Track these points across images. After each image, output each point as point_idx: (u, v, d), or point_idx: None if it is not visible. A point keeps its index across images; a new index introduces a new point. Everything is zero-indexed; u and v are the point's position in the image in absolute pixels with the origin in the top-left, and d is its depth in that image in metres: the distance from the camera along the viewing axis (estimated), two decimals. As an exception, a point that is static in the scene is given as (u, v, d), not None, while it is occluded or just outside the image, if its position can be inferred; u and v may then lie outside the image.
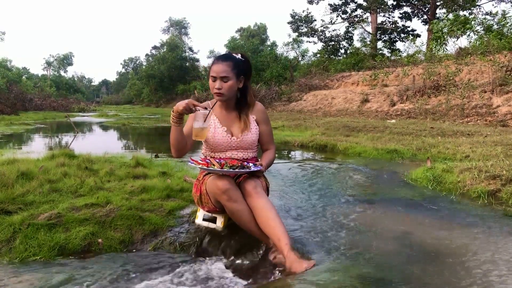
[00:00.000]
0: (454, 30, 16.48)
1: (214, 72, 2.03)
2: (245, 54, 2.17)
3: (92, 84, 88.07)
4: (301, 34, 29.49)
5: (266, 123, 2.26)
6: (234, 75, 2.04)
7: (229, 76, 2.02)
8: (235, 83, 2.06)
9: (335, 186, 3.45)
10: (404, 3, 26.80)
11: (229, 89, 2.05)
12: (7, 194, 2.49)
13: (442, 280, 1.60)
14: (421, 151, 5.31)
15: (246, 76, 2.13)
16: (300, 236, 2.15)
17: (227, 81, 2.02)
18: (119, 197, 2.58)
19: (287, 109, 19.38)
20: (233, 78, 2.03)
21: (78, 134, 9.42)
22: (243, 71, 2.10)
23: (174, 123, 1.97)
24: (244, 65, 2.10)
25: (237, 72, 2.05)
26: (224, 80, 2.02)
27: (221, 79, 2.02)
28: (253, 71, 2.28)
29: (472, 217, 2.50)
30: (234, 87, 2.07)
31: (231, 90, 2.06)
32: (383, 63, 19.78)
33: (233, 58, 2.08)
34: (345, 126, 9.10)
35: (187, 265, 1.91)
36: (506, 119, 9.38)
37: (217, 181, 1.92)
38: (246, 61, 2.13)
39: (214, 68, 2.04)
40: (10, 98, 21.24)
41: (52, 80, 51.76)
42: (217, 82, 2.03)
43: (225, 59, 2.05)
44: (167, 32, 52.93)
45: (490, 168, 3.23)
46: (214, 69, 2.04)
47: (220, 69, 2.02)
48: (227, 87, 2.04)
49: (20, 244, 1.98)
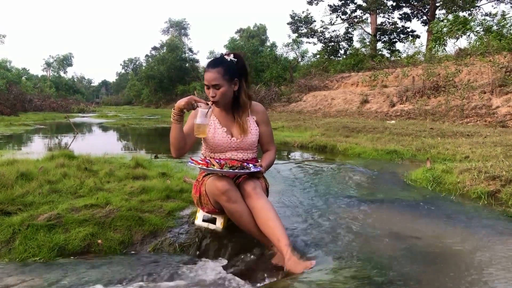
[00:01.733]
0: (454, 30, 16.50)
1: (206, 80, 2.04)
2: (238, 53, 2.13)
3: (91, 84, 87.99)
4: (301, 35, 29.47)
5: (266, 124, 2.27)
6: (226, 81, 2.02)
7: (220, 84, 2.01)
8: (228, 88, 2.05)
9: (334, 187, 3.45)
10: (403, 4, 26.81)
11: (223, 96, 2.04)
12: (7, 195, 2.49)
13: (441, 281, 1.60)
14: (421, 151, 5.32)
15: (241, 76, 2.10)
16: (299, 236, 2.15)
17: (219, 88, 2.02)
18: (118, 198, 2.58)
19: (286, 109, 19.38)
20: (225, 84, 2.02)
21: (77, 134, 9.42)
22: (237, 72, 2.07)
23: (174, 120, 1.98)
24: (237, 66, 2.08)
25: (230, 77, 2.03)
26: (217, 87, 2.02)
27: (213, 87, 2.02)
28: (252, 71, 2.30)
29: (471, 218, 2.50)
30: (228, 92, 2.06)
31: (225, 97, 2.06)
32: (382, 64, 19.82)
33: (224, 62, 2.05)
34: (344, 127, 9.11)
35: (186, 266, 1.91)
36: (505, 120, 9.39)
37: (217, 182, 1.92)
38: (239, 61, 2.09)
39: (206, 76, 2.03)
40: (10, 98, 21.20)
41: (51, 80, 51.69)
42: (210, 90, 2.03)
43: (215, 65, 2.03)
44: (167, 33, 52.99)
45: (489, 169, 3.23)
46: (205, 78, 2.04)
47: (210, 77, 2.01)
48: (220, 94, 2.03)
49: (20, 245, 1.98)
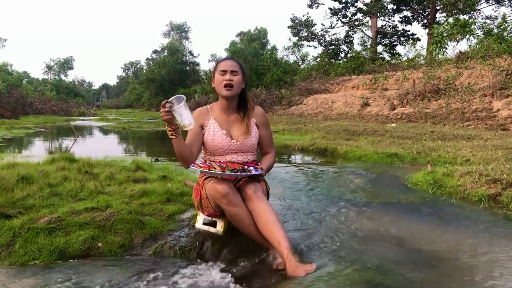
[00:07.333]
0: (454, 34, 16.52)
1: (224, 66, 2.15)
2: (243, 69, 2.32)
3: (92, 88, 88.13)
4: (301, 38, 29.54)
5: (266, 127, 2.28)
6: (241, 72, 2.18)
7: (238, 71, 2.15)
8: (242, 80, 2.18)
9: (335, 190, 3.44)
10: (404, 7, 26.88)
11: (238, 83, 2.16)
12: (7, 198, 2.49)
13: (442, 284, 1.60)
14: (422, 155, 5.31)
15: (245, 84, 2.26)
16: (300, 240, 2.15)
17: (236, 75, 2.14)
18: (119, 201, 2.58)
19: (287, 113, 19.38)
20: (240, 74, 2.16)
21: (78, 138, 9.43)
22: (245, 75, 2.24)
23: (171, 136, 1.96)
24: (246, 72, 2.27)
25: (243, 73, 2.20)
26: (234, 73, 2.14)
27: (231, 73, 2.13)
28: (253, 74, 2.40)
29: (472, 221, 2.50)
30: (241, 84, 2.18)
31: (238, 86, 2.16)
32: (383, 67, 19.82)
33: (240, 62, 2.27)
34: (345, 130, 9.10)
35: (187, 269, 1.90)
36: (506, 123, 9.38)
37: (217, 185, 1.92)
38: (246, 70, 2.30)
39: (224, 63, 2.17)
40: (11, 102, 21.28)
41: (52, 84, 51.82)
42: (228, 74, 2.12)
43: (232, 59, 2.23)
44: (168, 36, 53.02)
45: (490, 172, 3.22)
46: (224, 64, 2.16)
47: (230, 64, 2.16)
48: (237, 80, 2.14)
49: (20, 248, 1.97)
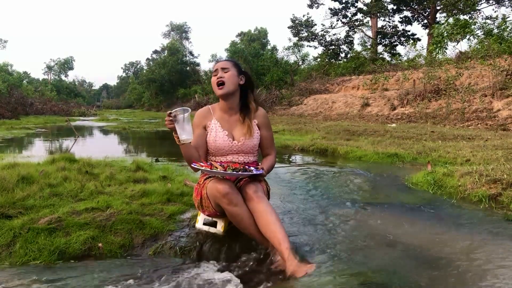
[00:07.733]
0: (454, 34, 16.51)
1: (216, 67, 2.21)
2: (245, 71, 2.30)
3: (92, 88, 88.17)
4: (302, 39, 29.56)
5: (267, 128, 2.29)
6: (235, 69, 2.19)
7: (228, 68, 2.18)
8: (235, 75, 2.18)
9: (335, 190, 3.44)
10: (404, 7, 26.88)
11: (230, 78, 2.16)
12: (8, 198, 2.49)
13: (442, 285, 1.60)
14: (422, 155, 5.31)
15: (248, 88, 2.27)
16: (300, 240, 2.15)
17: (227, 71, 2.17)
18: (119, 201, 2.58)
19: (287, 113, 19.38)
20: (232, 70, 2.18)
21: (78, 138, 9.43)
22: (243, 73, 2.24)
23: (178, 143, 2.00)
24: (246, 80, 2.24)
25: (237, 69, 2.20)
26: (225, 70, 2.17)
27: (221, 70, 2.17)
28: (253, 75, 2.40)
29: (473, 222, 2.50)
30: (234, 79, 2.17)
31: (231, 80, 2.16)
32: (383, 67, 19.82)
33: (234, 60, 2.29)
34: (345, 130, 9.10)
35: (187, 269, 1.90)
36: (506, 123, 9.38)
37: (218, 184, 1.92)
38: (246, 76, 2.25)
39: (217, 65, 2.22)
40: (11, 102, 21.24)
41: (52, 84, 51.76)
42: (218, 73, 2.17)
43: (226, 59, 2.31)
44: (168, 36, 53.04)
45: (490, 172, 3.22)
46: (216, 65, 2.22)
47: (221, 63, 2.21)
48: (228, 76, 2.16)
49: (20, 248, 1.97)
